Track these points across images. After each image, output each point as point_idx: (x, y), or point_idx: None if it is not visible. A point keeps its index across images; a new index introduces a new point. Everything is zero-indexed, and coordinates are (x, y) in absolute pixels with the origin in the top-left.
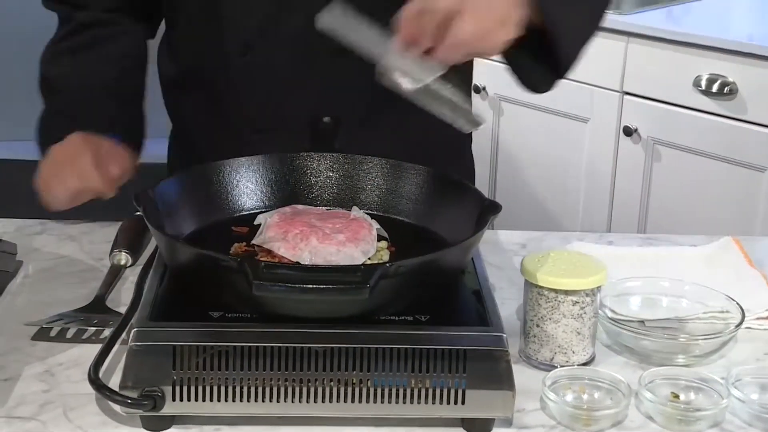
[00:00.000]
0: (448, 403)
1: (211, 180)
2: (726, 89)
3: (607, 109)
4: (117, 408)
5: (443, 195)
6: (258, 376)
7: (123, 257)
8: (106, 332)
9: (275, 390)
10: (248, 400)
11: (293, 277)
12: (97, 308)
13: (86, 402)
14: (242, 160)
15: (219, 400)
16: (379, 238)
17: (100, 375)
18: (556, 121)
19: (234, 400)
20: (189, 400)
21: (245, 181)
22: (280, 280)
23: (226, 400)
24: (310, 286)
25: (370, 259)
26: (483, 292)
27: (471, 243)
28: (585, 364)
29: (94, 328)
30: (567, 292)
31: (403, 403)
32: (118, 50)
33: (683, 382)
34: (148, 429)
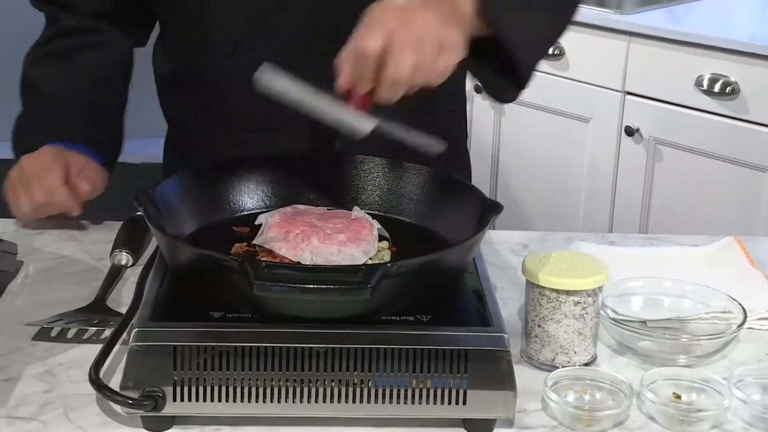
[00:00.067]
0: (450, 403)
1: (212, 180)
2: (728, 89)
3: (609, 108)
4: (118, 408)
5: (444, 195)
6: (259, 376)
7: (124, 257)
8: (107, 332)
9: (276, 390)
10: (249, 401)
11: (294, 278)
12: (97, 308)
13: (87, 402)
14: (243, 159)
15: (220, 401)
16: (381, 238)
17: (101, 375)
18: (558, 121)
19: (235, 401)
20: (190, 400)
21: (246, 181)
22: (281, 280)
23: (227, 401)
24: (311, 287)
25: (371, 259)
26: (484, 293)
27: (472, 243)
28: (587, 364)
29: (95, 329)
30: (568, 293)
31: (404, 403)
32: (101, 60)
33: (685, 382)
34: (149, 429)
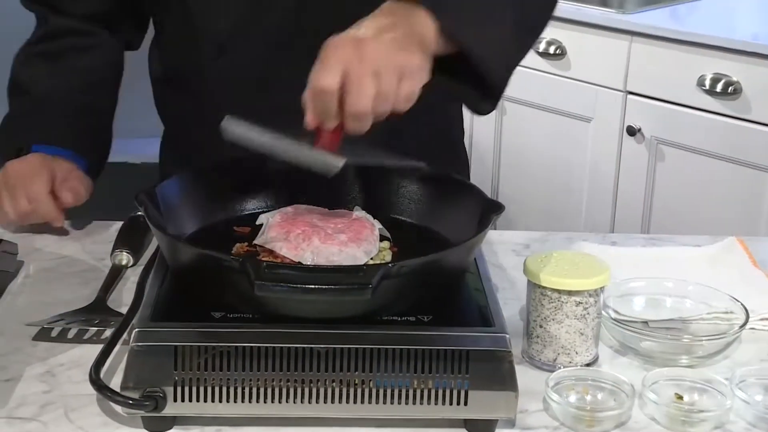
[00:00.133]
0: (451, 404)
1: (213, 180)
2: (730, 89)
3: (611, 108)
4: (118, 409)
5: (446, 195)
6: (260, 376)
7: (124, 257)
8: (108, 333)
9: (277, 391)
10: (250, 401)
11: (295, 278)
12: (98, 308)
13: (87, 403)
14: (243, 159)
15: (221, 401)
16: (382, 239)
17: (102, 375)
18: (559, 121)
19: (236, 401)
20: (191, 400)
21: (247, 180)
22: (282, 280)
23: (228, 401)
24: (312, 287)
25: (372, 259)
26: (486, 293)
27: (474, 243)
28: (588, 364)
29: (96, 329)
30: (570, 293)
31: (406, 403)
32: (91, 63)
33: (687, 383)
34: (150, 430)
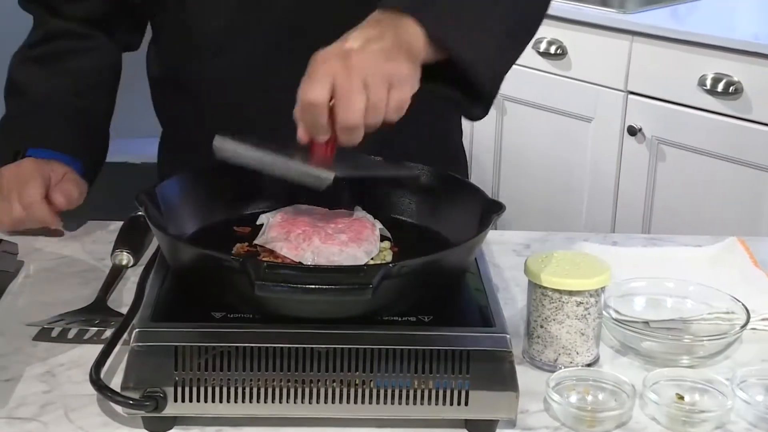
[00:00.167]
0: (452, 404)
1: (213, 180)
2: (731, 89)
3: (612, 108)
4: (118, 409)
5: (446, 195)
6: (260, 376)
7: (125, 257)
8: (108, 333)
9: (278, 391)
10: (250, 401)
11: (296, 278)
12: (98, 308)
13: (88, 403)
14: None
15: (221, 401)
16: (382, 239)
17: (102, 376)
18: (560, 121)
19: (236, 401)
20: (191, 401)
21: (247, 180)
22: (283, 280)
23: (229, 401)
24: (313, 287)
25: (373, 259)
26: (486, 293)
27: (474, 243)
28: (589, 365)
29: (96, 329)
30: (571, 293)
31: (406, 404)
32: (87, 67)
33: (688, 383)
34: (150, 430)
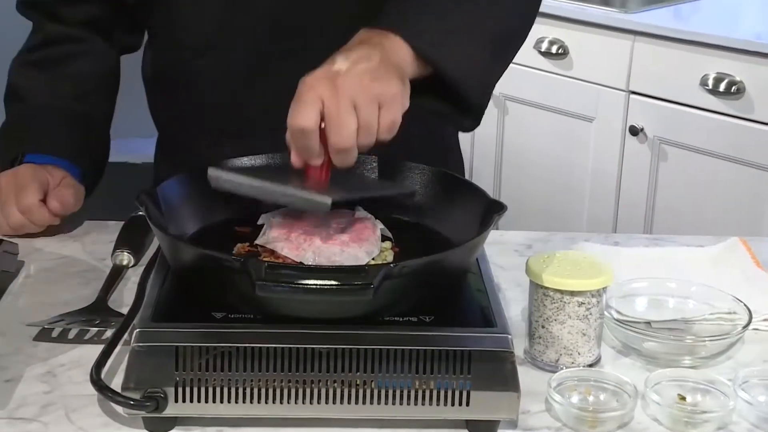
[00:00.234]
0: (453, 404)
1: None
2: (733, 88)
3: (613, 108)
4: (119, 409)
5: (448, 195)
6: (261, 377)
7: (125, 257)
8: (109, 333)
9: (278, 391)
10: (251, 402)
11: (297, 278)
12: (99, 309)
13: (88, 403)
14: (245, 159)
15: (222, 402)
16: (384, 239)
17: (102, 376)
18: (562, 121)
19: (237, 402)
20: (192, 401)
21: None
22: (284, 280)
23: (229, 402)
24: (314, 287)
25: (374, 259)
26: (488, 293)
27: (476, 243)
28: (591, 365)
29: (96, 329)
30: (572, 293)
31: (407, 404)
32: (86, 71)
33: (690, 383)
34: (151, 430)
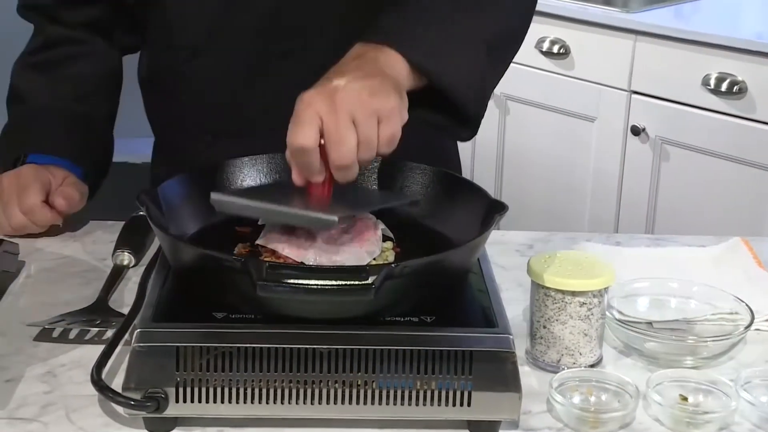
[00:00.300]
0: (454, 405)
1: (215, 180)
2: (735, 88)
3: (615, 108)
4: (120, 409)
5: (449, 195)
6: (262, 377)
7: (126, 257)
8: (109, 333)
9: (279, 392)
10: (252, 402)
11: (298, 278)
12: (99, 309)
13: (89, 403)
14: (245, 159)
15: (223, 402)
16: (385, 239)
17: (103, 376)
18: (563, 121)
19: (238, 402)
20: (192, 401)
21: (249, 180)
22: (285, 280)
23: (230, 402)
24: (315, 287)
25: (375, 259)
26: (489, 293)
27: (477, 243)
28: (592, 365)
29: (97, 329)
30: (574, 293)
31: (409, 405)
32: (86, 72)
33: (692, 384)
34: (151, 430)
